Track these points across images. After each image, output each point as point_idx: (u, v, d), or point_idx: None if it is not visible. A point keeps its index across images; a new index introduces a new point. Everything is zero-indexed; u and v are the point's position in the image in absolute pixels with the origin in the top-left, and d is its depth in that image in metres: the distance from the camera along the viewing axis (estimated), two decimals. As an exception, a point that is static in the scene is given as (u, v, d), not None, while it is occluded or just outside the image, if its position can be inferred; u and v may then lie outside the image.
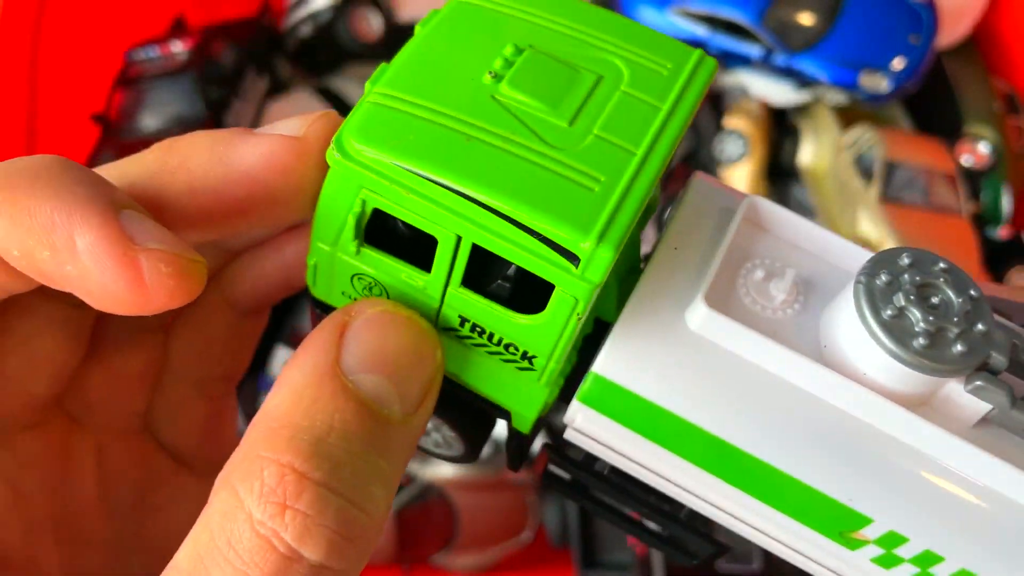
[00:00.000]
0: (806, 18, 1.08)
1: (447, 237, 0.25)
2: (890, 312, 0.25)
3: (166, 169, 0.27)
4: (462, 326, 0.28)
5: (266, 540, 0.23)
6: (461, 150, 0.25)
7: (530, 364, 0.28)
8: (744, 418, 0.26)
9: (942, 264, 0.25)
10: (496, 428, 0.34)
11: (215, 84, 0.99)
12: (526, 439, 0.31)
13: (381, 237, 0.27)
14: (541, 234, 0.24)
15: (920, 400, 0.25)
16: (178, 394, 0.35)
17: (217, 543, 0.23)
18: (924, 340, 0.24)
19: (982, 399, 0.25)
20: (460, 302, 0.27)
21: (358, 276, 0.28)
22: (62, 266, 0.24)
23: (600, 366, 0.27)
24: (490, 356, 0.28)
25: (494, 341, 0.28)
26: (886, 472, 0.25)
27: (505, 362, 0.28)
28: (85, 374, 0.33)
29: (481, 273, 0.27)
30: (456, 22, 0.28)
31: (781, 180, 1.13)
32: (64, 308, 0.31)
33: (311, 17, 1.11)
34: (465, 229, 0.25)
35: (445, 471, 0.97)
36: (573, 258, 0.24)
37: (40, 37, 1.03)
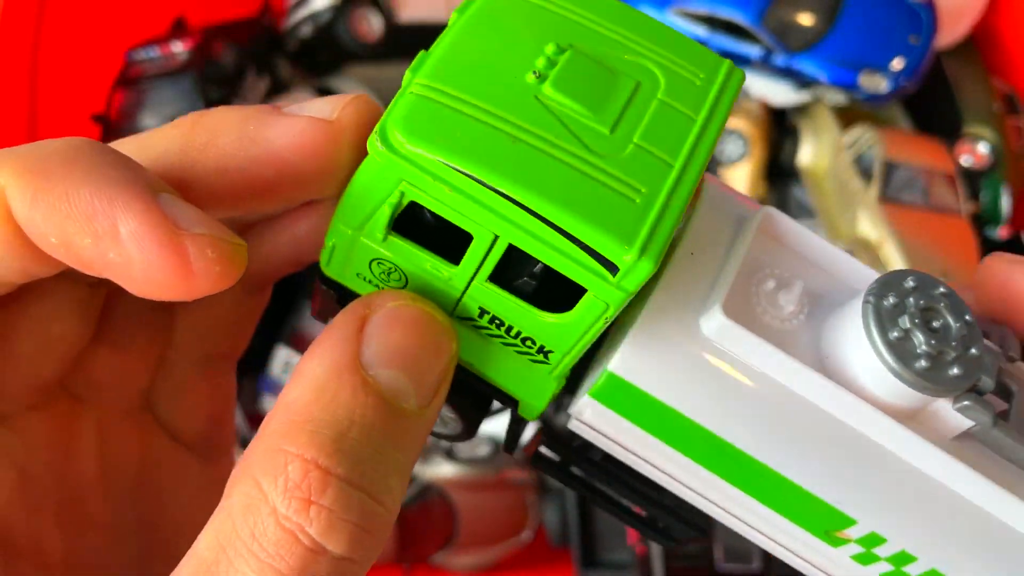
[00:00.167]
0: (806, 18, 1.08)
1: (483, 235, 0.25)
2: (896, 334, 0.26)
3: (194, 146, 0.27)
4: (480, 317, 0.28)
5: (291, 534, 0.23)
6: (508, 152, 0.25)
7: (545, 358, 0.28)
8: (747, 423, 0.27)
9: (942, 288, 0.27)
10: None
11: (215, 84, 0.99)
12: (525, 425, 0.32)
13: (407, 225, 0.27)
14: (581, 241, 0.24)
15: (910, 414, 0.27)
16: (181, 372, 0.35)
17: (240, 535, 0.23)
18: (925, 362, 0.26)
19: (968, 417, 0.27)
20: (483, 295, 0.27)
21: (377, 261, 0.28)
22: (104, 254, 0.24)
23: (615, 365, 0.27)
24: (505, 347, 0.28)
25: (512, 334, 0.28)
26: (874, 478, 0.27)
27: (519, 354, 0.28)
28: (91, 353, 0.32)
29: (507, 269, 0.27)
30: (495, 12, 0.28)
31: (781, 180, 1.13)
32: (81, 289, 0.30)
33: (311, 17, 1.11)
34: (504, 229, 0.25)
35: (445, 471, 0.97)
36: (612, 267, 0.24)
37: (40, 37, 1.03)
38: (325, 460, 0.24)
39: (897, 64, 1.07)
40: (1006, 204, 1.08)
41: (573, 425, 0.30)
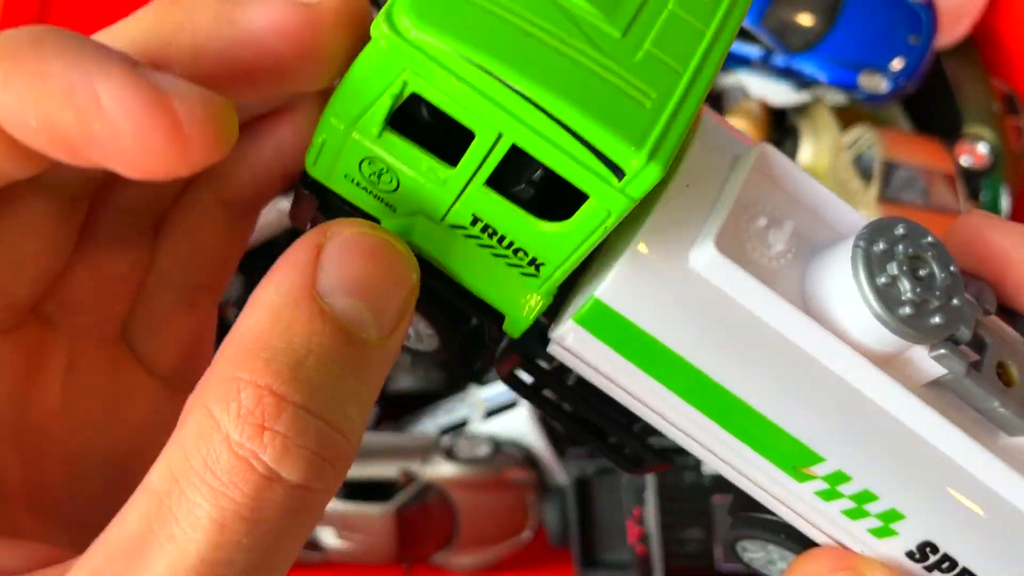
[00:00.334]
0: (805, 18, 1.08)
1: (487, 133, 0.24)
2: (883, 279, 0.26)
3: (167, 28, 0.26)
4: (472, 225, 0.27)
5: (244, 461, 0.22)
6: (519, 46, 0.24)
7: (536, 271, 0.27)
8: (728, 357, 0.28)
9: (930, 238, 0.27)
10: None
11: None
12: (505, 341, 0.31)
13: (401, 124, 0.26)
14: (589, 142, 0.24)
15: (886, 358, 0.27)
16: (161, 301, 0.33)
17: (192, 463, 0.23)
18: (910, 309, 0.26)
19: (943, 365, 0.27)
20: (478, 201, 0.26)
21: (369, 160, 0.27)
22: (90, 127, 0.23)
23: (602, 291, 0.27)
24: (495, 258, 0.28)
25: (504, 244, 0.27)
26: (847, 419, 0.28)
27: (510, 266, 0.28)
28: (68, 274, 0.31)
29: (505, 174, 0.26)
30: None
31: (780, 180, 1.13)
32: (59, 202, 0.29)
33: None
34: (510, 127, 0.24)
35: (445, 471, 0.97)
36: (618, 171, 0.24)
37: (40, 37, 1.03)
38: (280, 386, 0.23)
39: (897, 64, 1.07)
40: (1006, 204, 1.09)
41: (552, 349, 0.30)
